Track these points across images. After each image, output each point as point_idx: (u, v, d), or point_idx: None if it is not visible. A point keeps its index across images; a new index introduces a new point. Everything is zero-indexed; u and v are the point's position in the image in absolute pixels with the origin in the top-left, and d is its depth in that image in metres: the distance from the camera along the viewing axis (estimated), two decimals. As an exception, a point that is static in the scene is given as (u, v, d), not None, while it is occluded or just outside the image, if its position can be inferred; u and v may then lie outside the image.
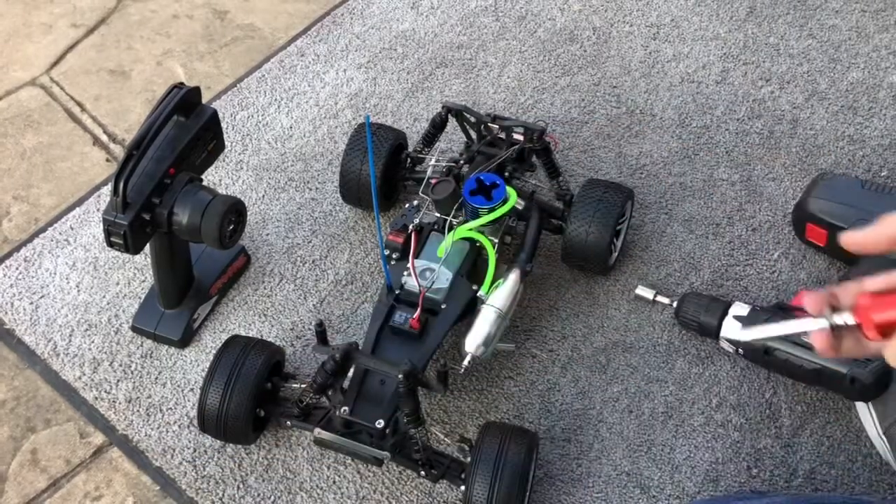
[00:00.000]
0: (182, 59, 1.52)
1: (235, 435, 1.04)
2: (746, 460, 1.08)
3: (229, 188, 1.34)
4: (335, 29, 1.54)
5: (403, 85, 1.46)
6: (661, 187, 1.32)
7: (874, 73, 1.44)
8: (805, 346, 1.06)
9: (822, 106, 1.40)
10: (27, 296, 1.23)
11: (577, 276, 1.23)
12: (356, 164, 1.22)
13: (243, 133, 1.40)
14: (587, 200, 1.15)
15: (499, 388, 1.14)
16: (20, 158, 1.39)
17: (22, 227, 1.31)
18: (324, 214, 1.31)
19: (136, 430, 1.11)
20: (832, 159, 1.34)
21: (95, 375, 1.16)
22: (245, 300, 1.22)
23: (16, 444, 1.11)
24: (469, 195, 1.08)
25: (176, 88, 1.03)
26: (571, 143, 1.38)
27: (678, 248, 1.26)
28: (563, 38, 1.51)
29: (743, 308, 1.12)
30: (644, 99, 1.43)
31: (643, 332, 1.18)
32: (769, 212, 1.29)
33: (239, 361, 1.03)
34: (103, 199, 1.33)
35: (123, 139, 1.42)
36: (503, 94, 1.44)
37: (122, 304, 1.22)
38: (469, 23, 1.54)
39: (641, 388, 1.14)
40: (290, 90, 1.46)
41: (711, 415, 1.11)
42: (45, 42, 1.54)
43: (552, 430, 1.10)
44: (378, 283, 1.23)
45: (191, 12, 1.59)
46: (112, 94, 1.47)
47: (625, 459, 1.08)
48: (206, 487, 1.06)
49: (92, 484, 1.08)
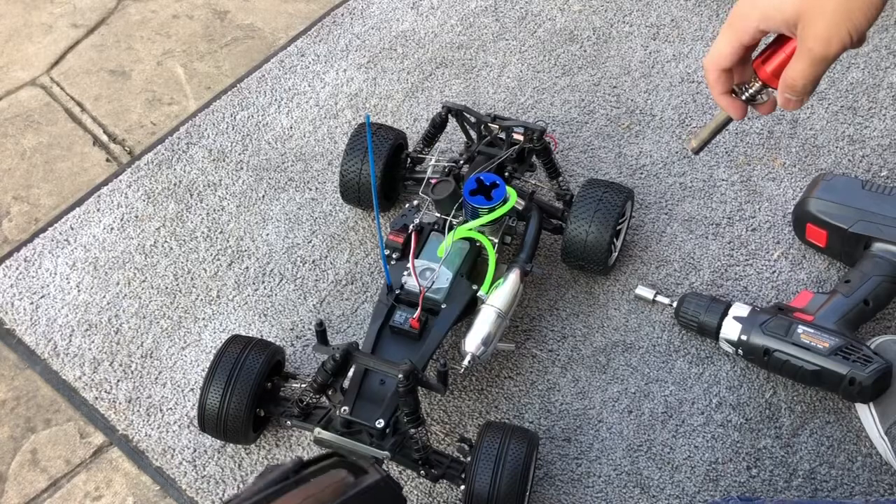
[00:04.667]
0: (182, 59, 1.52)
1: (235, 435, 1.04)
2: (746, 460, 1.08)
3: (229, 188, 1.34)
4: (335, 29, 1.54)
5: (403, 85, 1.46)
6: (661, 187, 1.32)
7: (874, 73, 1.44)
8: (805, 348, 1.06)
9: (822, 106, 1.40)
10: (27, 296, 1.23)
11: (577, 276, 1.23)
12: (356, 164, 1.22)
13: (243, 133, 1.40)
14: (587, 200, 1.15)
15: (499, 388, 1.14)
16: (20, 158, 1.39)
17: (22, 227, 1.31)
18: (324, 214, 1.31)
19: (136, 430, 1.11)
20: (832, 159, 1.34)
21: (95, 375, 1.16)
22: (245, 300, 1.22)
23: (16, 444, 1.11)
24: (469, 195, 1.08)
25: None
26: (571, 143, 1.38)
27: (678, 248, 1.26)
28: (563, 38, 1.51)
29: (743, 308, 1.12)
30: (644, 99, 1.43)
31: (643, 332, 1.18)
32: (769, 212, 1.29)
33: (239, 361, 1.03)
34: (103, 199, 1.33)
35: (123, 139, 1.42)
36: (503, 94, 1.44)
37: (121, 304, 1.22)
38: (469, 23, 1.54)
39: (641, 388, 1.14)
40: (291, 90, 1.46)
41: (711, 415, 1.11)
42: (46, 42, 1.54)
43: (552, 430, 1.10)
44: (378, 283, 1.23)
45: (191, 12, 1.59)
46: (112, 94, 1.47)
47: (625, 459, 1.08)
48: (206, 487, 1.06)
49: (92, 484, 1.08)
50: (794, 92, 0.70)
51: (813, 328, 1.07)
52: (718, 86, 0.75)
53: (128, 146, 1.41)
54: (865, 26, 0.64)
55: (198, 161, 1.37)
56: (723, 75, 0.74)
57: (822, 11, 0.64)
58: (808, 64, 0.67)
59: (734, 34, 0.70)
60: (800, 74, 0.68)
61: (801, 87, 0.69)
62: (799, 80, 0.68)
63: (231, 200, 1.33)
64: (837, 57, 0.66)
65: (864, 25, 0.64)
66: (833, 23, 0.64)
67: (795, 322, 1.08)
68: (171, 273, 1.25)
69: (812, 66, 0.67)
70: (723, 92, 0.75)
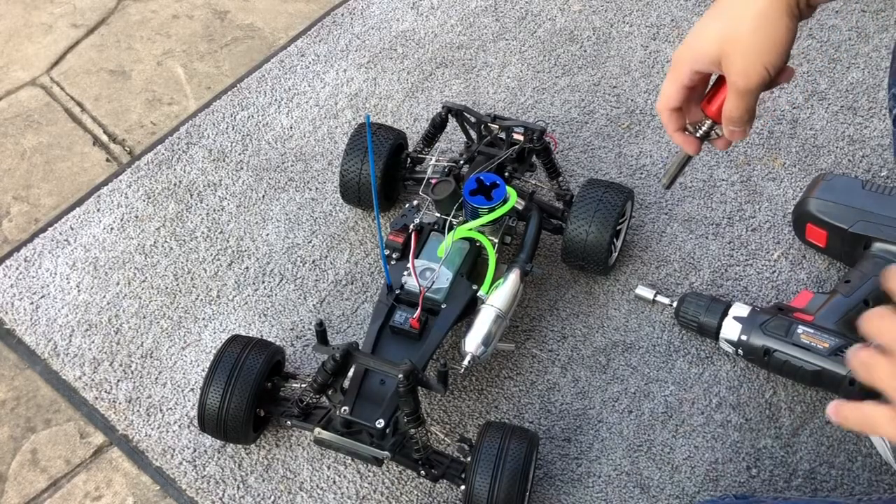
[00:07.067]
0: (182, 59, 1.52)
1: (235, 435, 1.04)
2: (746, 460, 1.08)
3: (229, 188, 1.34)
4: (335, 29, 1.54)
5: (403, 85, 1.46)
6: (661, 187, 1.32)
7: (874, 73, 1.44)
8: (805, 348, 1.06)
9: (821, 106, 1.40)
10: (27, 296, 1.23)
11: (577, 276, 1.23)
12: (356, 164, 1.22)
13: (243, 133, 1.40)
14: (587, 200, 1.15)
15: (499, 388, 1.14)
16: (20, 158, 1.39)
17: (22, 227, 1.31)
18: (324, 214, 1.31)
19: (136, 430, 1.11)
20: (832, 159, 1.34)
21: (95, 375, 1.16)
22: (245, 300, 1.22)
23: (16, 444, 1.11)
24: (469, 195, 1.09)
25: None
26: (571, 143, 1.38)
27: (678, 248, 1.26)
28: (563, 38, 1.51)
29: (743, 308, 1.12)
30: (644, 99, 1.43)
31: (643, 332, 1.18)
32: (769, 212, 1.29)
33: (239, 361, 1.03)
34: (103, 199, 1.33)
35: (123, 139, 1.42)
36: (503, 94, 1.44)
37: (121, 304, 1.22)
38: (469, 23, 1.54)
39: (641, 388, 1.14)
40: (291, 90, 1.46)
41: (711, 415, 1.11)
42: (46, 42, 1.54)
43: (552, 430, 1.10)
44: (378, 283, 1.23)
45: (191, 12, 1.59)
46: (112, 94, 1.47)
47: (625, 459, 1.08)
48: (206, 487, 1.06)
49: (92, 484, 1.08)
50: (734, 123, 0.77)
51: (813, 328, 1.07)
52: (671, 124, 0.82)
53: (128, 146, 1.41)
54: (778, 61, 0.72)
55: (198, 161, 1.37)
56: (673, 114, 0.81)
57: (738, 50, 0.72)
58: (736, 97, 0.75)
59: (675, 77, 0.78)
60: (733, 106, 0.76)
61: (738, 118, 0.76)
62: (734, 112, 0.76)
63: (231, 200, 1.33)
64: (760, 88, 0.74)
65: (777, 61, 0.72)
66: (749, 60, 0.72)
67: (795, 322, 1.08)
68: (171, 273, 1.25)
69: (740, 99, 0.75)
70: (675, 129, 0.82)
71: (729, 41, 0.72)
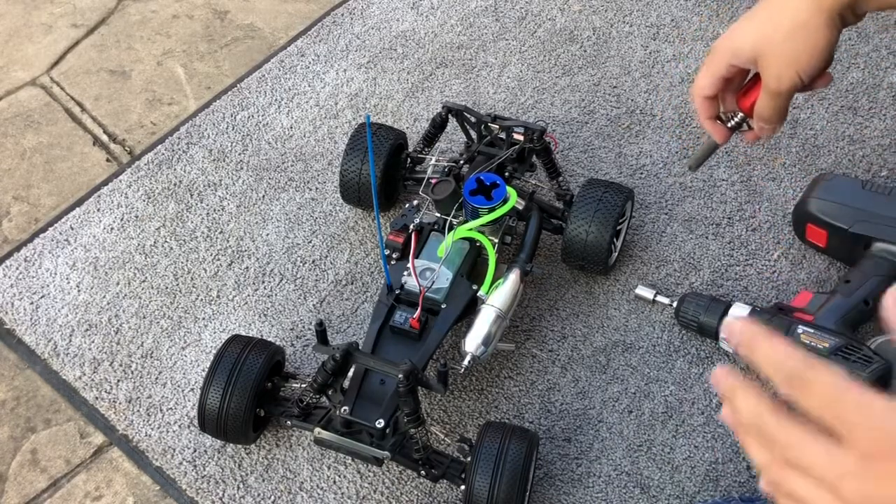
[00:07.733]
0: (182, 59, 1.52)
1: (235, 435, 1.04)
2: (746, 460, 1.08)
3: (229, 188, 1.34)
4: (335, 29, 1.54)
5: (403, 85, 1.46)
6: (661, 187, 1.32)
7: (874, 73, 1.44)
8: (805, 348, 1.06)
9: (822, 106, 1.40)
10: (27, 296, 1.23)
11: (577, 276, 1.23)
12: (356, 164, 1.22)
13: (243, 133, 1.40)
14: (587, 200, 1.15)
15: (499, 388, 1.14)
16: (20, 158, 1.39)
17: (22, 227, 1.31)
18: (324, 214, 1.31)
19: (136, 430, 1.11)
20: (832, 159, 1.34)
21: (95, 375, 1.16)
22: (245, 300, 1.22)
23: (16, 444, 1.11)
24: (469, 195, 1.08)
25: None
26: (571, 143, 1.38)
27: (678, 248, 1.26)
28: (563, 38, 1.51)
29: (743, 308, 1.12)
30: (644, 99, 1.43)
31: (643, 332, 1.18)
32: (769, 212, 1.29)
33: (239, 361, 1.03)
34: (103, 199, 1.33)
35: (123, 139, 1.42)
36: (503, 94, 1.44)
37: (121, 304, 1.22)
38: (469, 23, 1.54)
39: (641, 388, 1.14)
40: (291, 90, 1.46)
41: (711, 415, 1.11)
42: (46, 42, 1.54)
43: (552, 430, 1.10)
44: (378, 283, 1.23)
45: (191, 12, 1.59)
46: (112, 94, 1.47)
47: (625, 459, 1.08)
48: (206, 487, 1.06)
49: (92, 484, 1.08)
50: (764, 121, 0.79)
51: (813, 328, 1.07)
52: (703, 111, 0.83)
53: (128, 146, 1.41)
54: (812, 69, 0.73)
55: (198, 161, 1.37)
56: (706, 102, 0.82)
57: (774, 54, 0.73)
58: (767, 97, 0.77)
59: (711, 66, 0.79)
60: (765, 106, 0.77)
61: (768, 117, 0.78)
62: (765, 111, 0.78)
63: (231, 200, 1.33)
64: (792, 92, 0.75)
65: (810, 68, 0.73)
66: (783, 65, 0.73)
67: (795, 322, 1.08)
68: (171, 273, 1.25)
69: (771, 100, 0.76)
70: (707, 117, 0.83)
71: (764, 44, 0.73)
